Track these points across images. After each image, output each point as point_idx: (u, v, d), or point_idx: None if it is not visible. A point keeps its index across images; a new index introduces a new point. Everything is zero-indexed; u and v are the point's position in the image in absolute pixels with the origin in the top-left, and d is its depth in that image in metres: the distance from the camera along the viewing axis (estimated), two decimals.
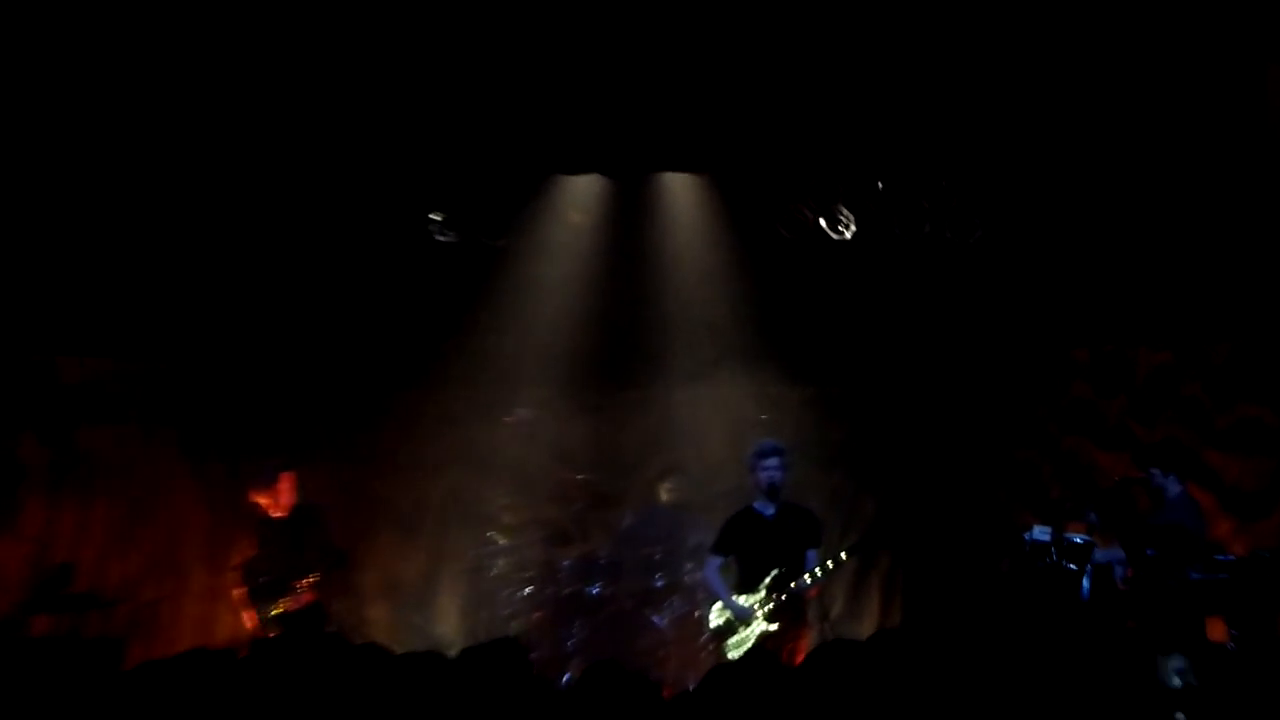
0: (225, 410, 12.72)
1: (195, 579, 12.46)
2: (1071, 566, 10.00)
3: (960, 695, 6.15)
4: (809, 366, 13.27)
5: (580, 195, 13.06)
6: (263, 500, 11.22)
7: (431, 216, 12.82)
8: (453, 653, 6.80)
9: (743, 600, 10.60)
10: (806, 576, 10.45)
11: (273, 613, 10.97)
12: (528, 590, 12.97)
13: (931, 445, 13.17)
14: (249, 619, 11.03)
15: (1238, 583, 9.51)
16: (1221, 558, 9.74)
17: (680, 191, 12.99)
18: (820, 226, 12.72)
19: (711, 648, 10.88)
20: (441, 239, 12.83)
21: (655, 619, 12.50)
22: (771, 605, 10.49)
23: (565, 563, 12.97)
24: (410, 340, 12.95)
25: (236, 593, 11.17)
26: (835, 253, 12.82)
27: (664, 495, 13.28)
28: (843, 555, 10.53)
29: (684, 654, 12.20)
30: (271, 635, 10.77)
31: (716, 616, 10.77)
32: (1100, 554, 10.16)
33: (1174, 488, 10.47)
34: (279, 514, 11.24)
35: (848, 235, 12.70)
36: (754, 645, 10.50)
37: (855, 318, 13.07)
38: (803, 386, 13.45)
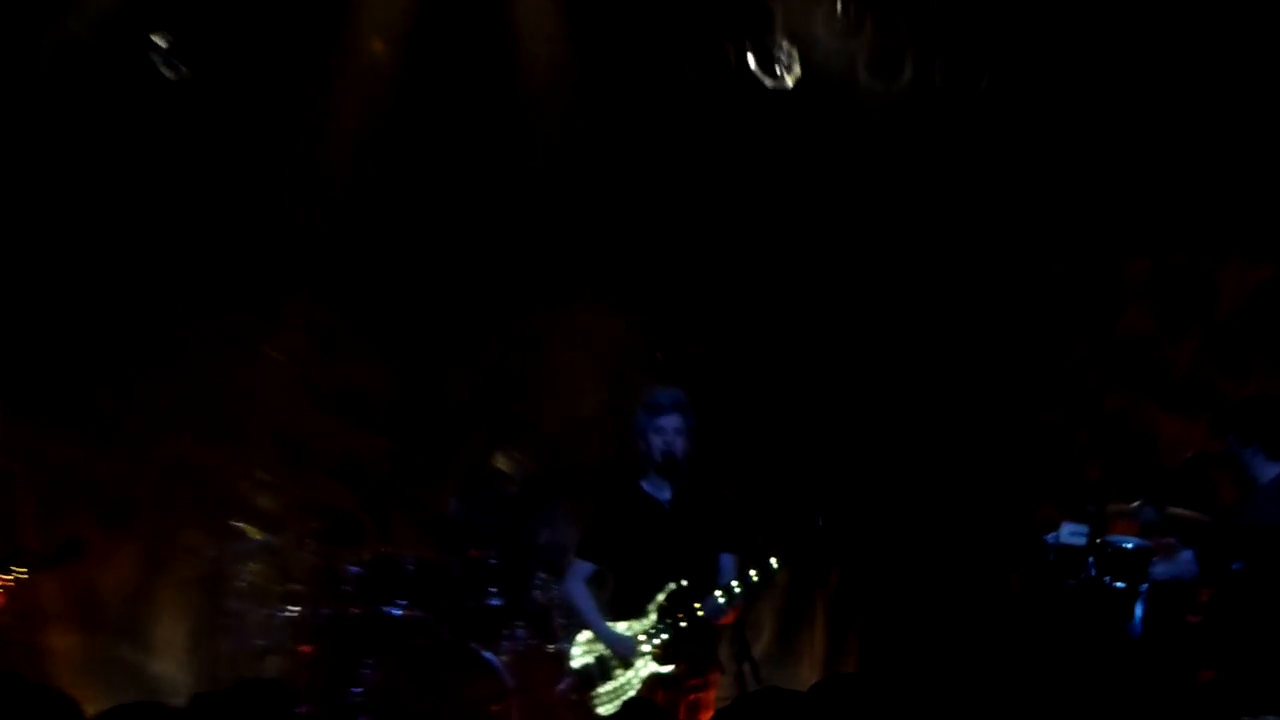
0: None
1: None
2: (1118, 585, 10.06)
3: None
4: (727, 281, 13.19)
5: (382, 13, 12.68)
6: None
7: (153, 40, 12.36)
8: (179, 703, 6.83)
9: (623, 629, 10.17)
10: (719, 594, 9.88)
11: None
12: (294, 611, 12.37)
13: (910, 400, 13.02)
14: None
15: None
16: None
17: (531, 6, 12.71)
18: (747, 67, 12.42)
19: (574, 699, 10.36)
20: (168, 74, 12.37)
21: (489, 656, 11.97)
22: (666, 637, 10.05)
23: (353, 570, 12.24)
24: (115, 231, 12.60)
25: None
26: (769, 107, 12.55)
27: (505, 471, 12.77)
28: (773, 563, 9.85)
29: (533, 708, 11.79)
30: None
31: (583, 653, 10.26)
32: (1161, 567, 10.22)
33: (1267, 469, 10.24)
34: None
35: (788, 81, 12.40)
36: (637, 696, 10.10)
37: (797, 206, 12.91)
38: (716, 312, 13.40)
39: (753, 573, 9.91)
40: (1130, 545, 10.15)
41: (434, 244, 13.23)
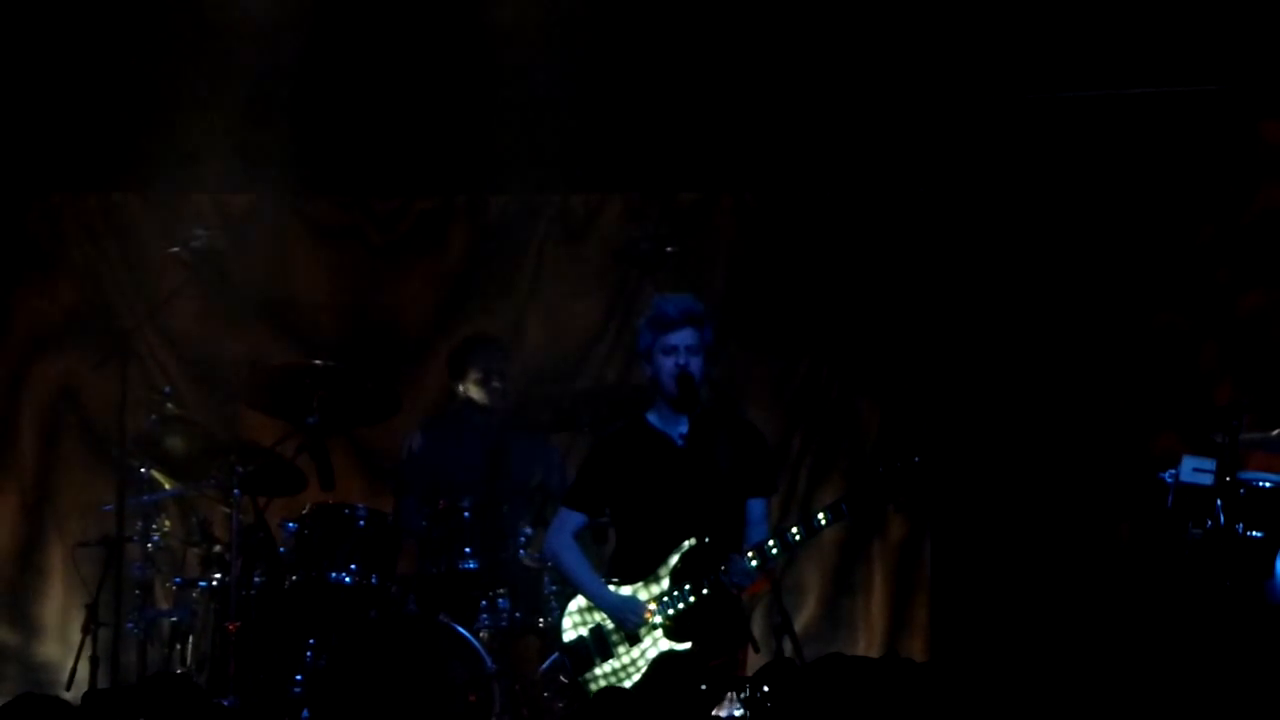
0: None
1: None
2: (1254, 534, 9.72)
3: None
4: (756, 148, 12.75)
5: None
6: None
7: None
8: (70, 696, 7.36)
9: (626, 596, 9.95)
10: (750, 554, 9.62)
11: None
12: (215, 579, 11.74)
13: (987, 300, 12.70)
14: None
15: None
16: None
17: None
18: None
19: (564, 682, 10.15)
20: None
21: (462, 631, 11.40)
22: (682, 607, 9.79)
23: (289, 525, 11.65)
24: None
25: None
26: None
27: (478, 397, 12.28)
28: (820, 517, 9.66)
29: (516, 698, 11.24)
30: None
31: (575, 624, 10.04)
32: None
33: None
34: None
35: None
36: (644, 680, 9.80)
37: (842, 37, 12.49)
38: (741, 189, 13.05)
39: (794, 530, 9.56)
40: (1269, 484, 9.69)
41: (393, 108, 12.54)
